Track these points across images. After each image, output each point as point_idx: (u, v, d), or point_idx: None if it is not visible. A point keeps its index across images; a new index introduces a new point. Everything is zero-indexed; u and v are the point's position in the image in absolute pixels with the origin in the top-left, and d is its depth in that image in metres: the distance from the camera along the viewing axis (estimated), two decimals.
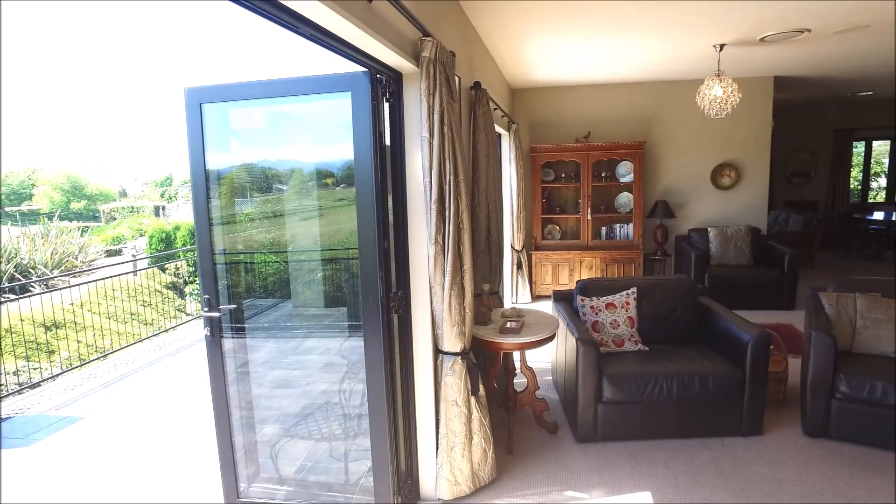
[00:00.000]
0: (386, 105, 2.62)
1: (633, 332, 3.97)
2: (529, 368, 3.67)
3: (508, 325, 3.36)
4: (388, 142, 2.67)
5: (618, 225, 7.56)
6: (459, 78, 3.59)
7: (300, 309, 4.95)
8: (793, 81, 7.75)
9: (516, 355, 3.72)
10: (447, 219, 2.70)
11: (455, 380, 2.89)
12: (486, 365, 3.91)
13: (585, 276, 7.14)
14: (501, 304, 4.19)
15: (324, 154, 4.04)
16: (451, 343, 2.84)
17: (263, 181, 4.20)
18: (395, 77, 2.67)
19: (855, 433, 3.51)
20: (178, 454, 3.85)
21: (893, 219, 9.61)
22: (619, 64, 6.25)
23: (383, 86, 2.57)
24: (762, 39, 5.20)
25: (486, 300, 3.45)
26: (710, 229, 7.06)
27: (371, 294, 2.64)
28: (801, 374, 3.76)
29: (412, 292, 2.89)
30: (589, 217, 7.39)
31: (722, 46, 5.42)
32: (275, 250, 4.72)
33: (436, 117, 2.59)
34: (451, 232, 2.69)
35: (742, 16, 4.44)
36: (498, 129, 5.72)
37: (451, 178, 2.67)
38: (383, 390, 2.72)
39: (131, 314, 9.13)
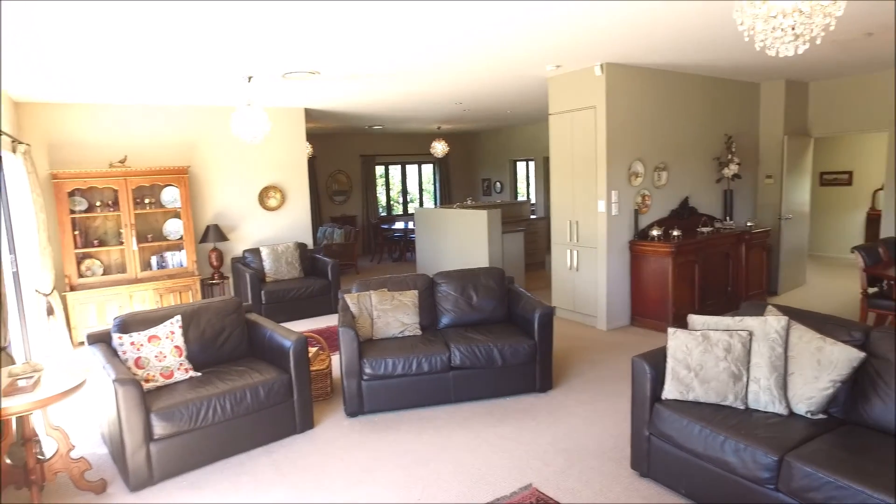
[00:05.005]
0: None
1: (183, 361, 3.89)
2: (58, 428, 3.17)
3: (19, 383, 2.83)
4: None
5: (169, 253, 7.22)
6: None
7: None
8: (322, 113, 8.91)
9: (38, 417, 3.16)
10: None
11: None
12: None
13: (139, 310, 6.59)
14: (13, 362, 3.49)
15: None
16: None
17: None
18: None
19: (379, 404, 4.27)
20: None
21: (406, 227, 12.03)
22: (154, 86, 5.99)
23: None
24: (285, 76, 5.81)
25: None
26: (262, 248, 7.45)
27: None
28: (339, 366, 4.37)
29: None
30: (135, 247, 6.82)
31: (251, 78, 5.82)
32: None
33: None
34: None
35: (264, 54, 4.85)
36: None
37: None
38: None
39: None
